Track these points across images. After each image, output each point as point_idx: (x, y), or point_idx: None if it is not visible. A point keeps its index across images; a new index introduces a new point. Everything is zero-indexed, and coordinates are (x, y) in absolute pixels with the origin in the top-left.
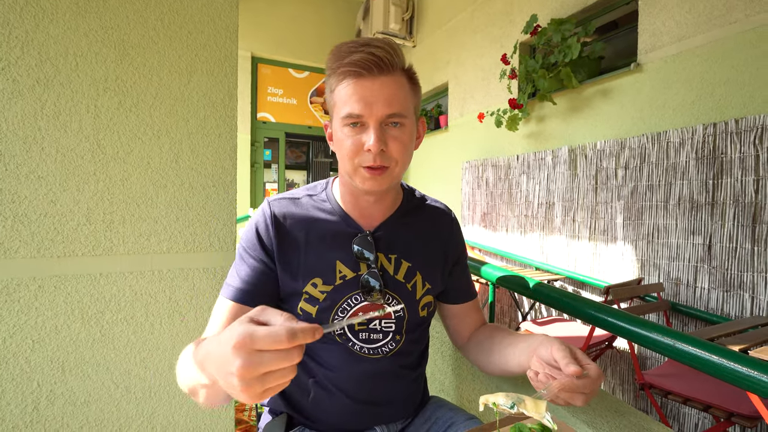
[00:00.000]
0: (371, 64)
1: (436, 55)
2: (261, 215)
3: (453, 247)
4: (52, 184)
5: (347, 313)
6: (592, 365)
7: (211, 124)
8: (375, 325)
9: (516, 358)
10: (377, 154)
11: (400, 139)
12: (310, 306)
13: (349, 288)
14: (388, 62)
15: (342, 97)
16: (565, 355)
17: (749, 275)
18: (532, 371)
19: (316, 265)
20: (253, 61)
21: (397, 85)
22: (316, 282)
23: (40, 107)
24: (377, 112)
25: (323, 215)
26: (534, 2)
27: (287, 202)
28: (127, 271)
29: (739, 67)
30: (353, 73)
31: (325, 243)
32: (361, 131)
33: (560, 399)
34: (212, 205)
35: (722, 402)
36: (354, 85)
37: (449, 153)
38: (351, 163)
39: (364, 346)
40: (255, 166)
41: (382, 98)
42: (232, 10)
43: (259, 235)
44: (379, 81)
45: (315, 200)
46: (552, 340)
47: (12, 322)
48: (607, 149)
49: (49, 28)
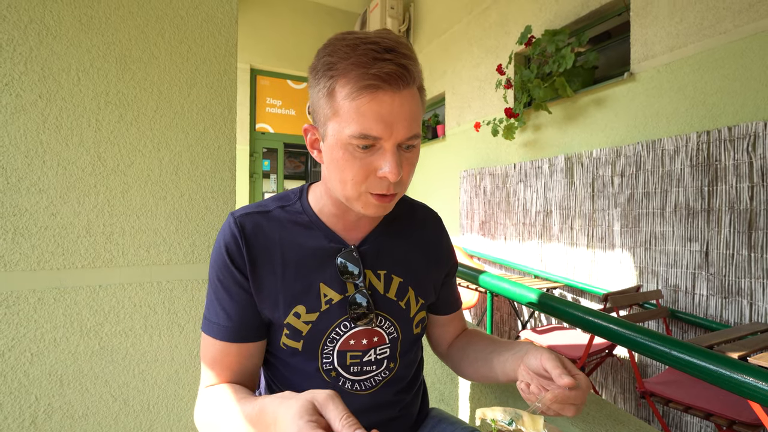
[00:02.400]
0: (397, 78)
1: (432, 66)
2: (229, 234)
3: (445, 256)
4: (53, 197)
5: (336, 342)
6: (581, 375)
7: (210, 137)
8: (370, 356)
9: (501, 366)
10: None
11: (411, 161)
12: (294, 341)
13: (336, 313)
14: (411, 74)
15: (353, 110)
16: (557, 365)
17: (747, 281)
18: (524, 383)
19: (297, 290)
20: (252, 73)
21: (415, 102)
22: (298, 311)
23: (42, 121)
24: (397, 135)
25: (300, 230)
26: (528, 13)
27: (257, 217)
28: (126, 283)
29: (730, 75)
30: (376, 86)
31: (304, 263)
32: (372, 153)
33: (551, 410)
34: (211, 216)
35: (723, 410)
36: (373, 100)
37: (447, 162)
38: (356, 189)
39: (355, 381)
40: (254, 176)
41: (403, 118)
42: (232, 25)
43: (231, 257)
44: (399, 97)
45: (289, 212)
46: (540, 350)
47: (11, 335)
48: (603, 157)
49: (52, 45)
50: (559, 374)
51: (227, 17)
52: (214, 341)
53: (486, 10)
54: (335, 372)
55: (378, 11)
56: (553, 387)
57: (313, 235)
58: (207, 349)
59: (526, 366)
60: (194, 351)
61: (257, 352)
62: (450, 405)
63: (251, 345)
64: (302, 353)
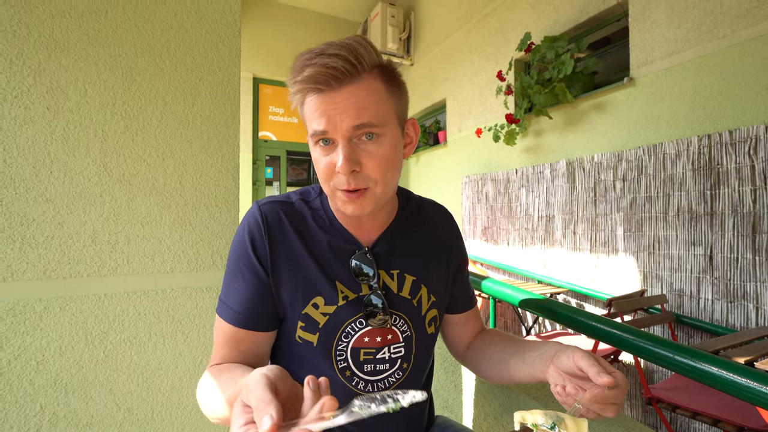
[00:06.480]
0: (328, 78)
1: (433, 73)
2: (254, 221)
3: (456, 253)
4: (59, 207)
5: (350, 338)
6: (618, 373)
7: (214, 146)
8: (384, 354)
9: (527, 367)
10: (349, 176)
11: (376, 154)
12: (310, 334)
13: (351, 311)
14: (347, 71)
15: (304, 115)
16: (593, 363)
17: (752, 285)
18: (559, 386)
19: (317, 281)
20: (255, 81)
21: (365, 92)
22: (317, 302)
23: (50, 133)
24: (342, 126)
25: (319, 226)
26: (527, 20)
27: (281, 206)
28: (131, 291)
29: (730, 79)
30: (311, 89)
31: (324, 257)
32: (331, 149)
33: (591, 412)
34: (215, 224)
35: (731, 416)
36: (315, 100)
37: (449, 168)
38: (328, 186)
39: (368, 382)
40: (257, 184)
41: (346, 110)
42: (235, 37)
43: (254, 245)
44: (342, 93)
45: (310, 207)
46: (572, 348)
47: (17, 343)
48: (605, 162)
49: (60, 58)
50: (597, 372)
51: (230, 29)
52: (224, 323)
53: (486, 18)
54: (349, 371)
55: (379, 20)
56: (591, 387)
57: (330, 233)
58: (217, 330)
59: (557, 367)
60: (198, 359)
61: (266, 341)
62: (454, 412)
63: (261, 334)
64: (317, 348)
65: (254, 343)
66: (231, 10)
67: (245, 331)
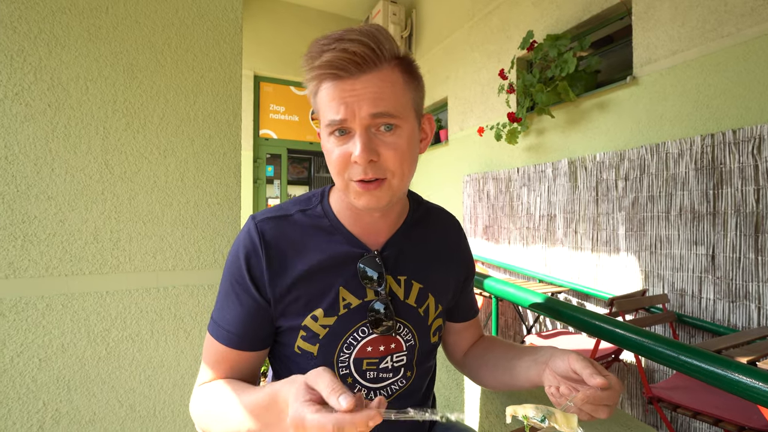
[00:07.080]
0: (348, 63)
1: (435, 71)
2: (249, 240)
3: (464, 261)
4: (61, 204)
5: (353, 348)
6: (612, 376)
7: (215, 144)
8: (387, 363)
9: (524, 372)
10: (366, 166)
11: (395, 145)
12: (310, 345)
13: (355, 318)
14: (369, 57)
15: (321, 102)
16: (586, 365)
17: (754, 285)
18: (553, 387)
19: (316, 294)
20: (256, 79)
21: (385, 82)
22: (316, 315)
23: (51, 130)
24: (361, 114)
25: (322, 235)
26: (529, 18)
27: (278, 222)
28: (133, 289)
29: (734, 78)
30: (330, 75)
31: (324, 267)
32: (347, 140)
33: (584, 413)
34: (217, 222)
35: (732, 415)
36: (332, 87)
37: (450, 166)
38: (341, 178)
39: (371, 389)
40: (257, 182)
41: (366, 98)
42: (237, 34)
43: (249, 264)
44: (362, 80)
45: (310, 216)
46: (566, 352)
47: (20, 341)
48: (607, 161)
49: (61, 55)
50: (590, 374)
51: (232, 26)
52: (217, 343)
53: (488, 16)
54: (351, 378)
55: (380, 17)
56: (584, 388)
57: (334, 240)
58: (209, 349)
59: (552, 370)
60: (200, 357)
61: (260, 359)
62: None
63: (254, 353)
64: (317, 358)
65: (247, 362)
66: (232, 6)
67: (238, 351)
